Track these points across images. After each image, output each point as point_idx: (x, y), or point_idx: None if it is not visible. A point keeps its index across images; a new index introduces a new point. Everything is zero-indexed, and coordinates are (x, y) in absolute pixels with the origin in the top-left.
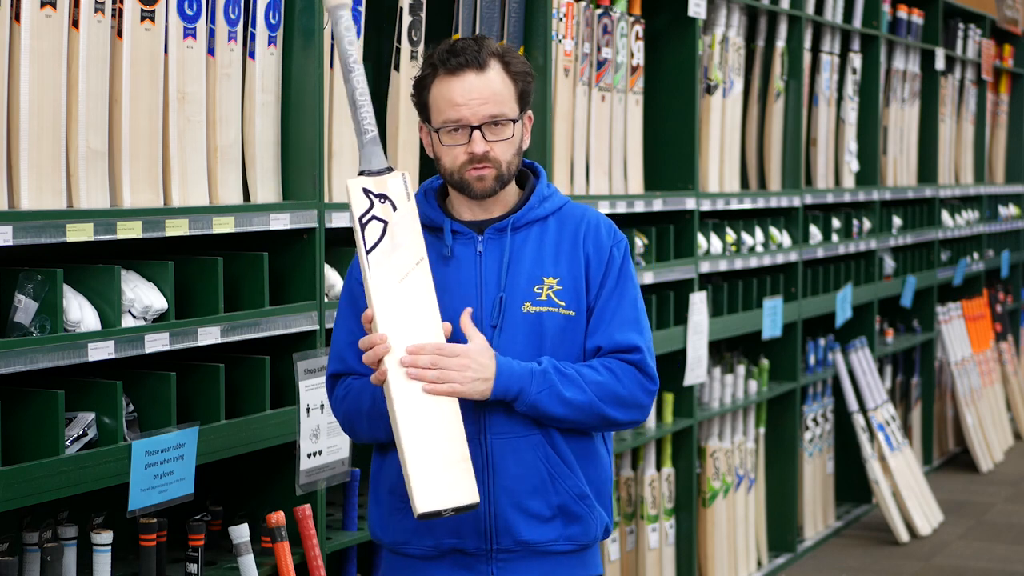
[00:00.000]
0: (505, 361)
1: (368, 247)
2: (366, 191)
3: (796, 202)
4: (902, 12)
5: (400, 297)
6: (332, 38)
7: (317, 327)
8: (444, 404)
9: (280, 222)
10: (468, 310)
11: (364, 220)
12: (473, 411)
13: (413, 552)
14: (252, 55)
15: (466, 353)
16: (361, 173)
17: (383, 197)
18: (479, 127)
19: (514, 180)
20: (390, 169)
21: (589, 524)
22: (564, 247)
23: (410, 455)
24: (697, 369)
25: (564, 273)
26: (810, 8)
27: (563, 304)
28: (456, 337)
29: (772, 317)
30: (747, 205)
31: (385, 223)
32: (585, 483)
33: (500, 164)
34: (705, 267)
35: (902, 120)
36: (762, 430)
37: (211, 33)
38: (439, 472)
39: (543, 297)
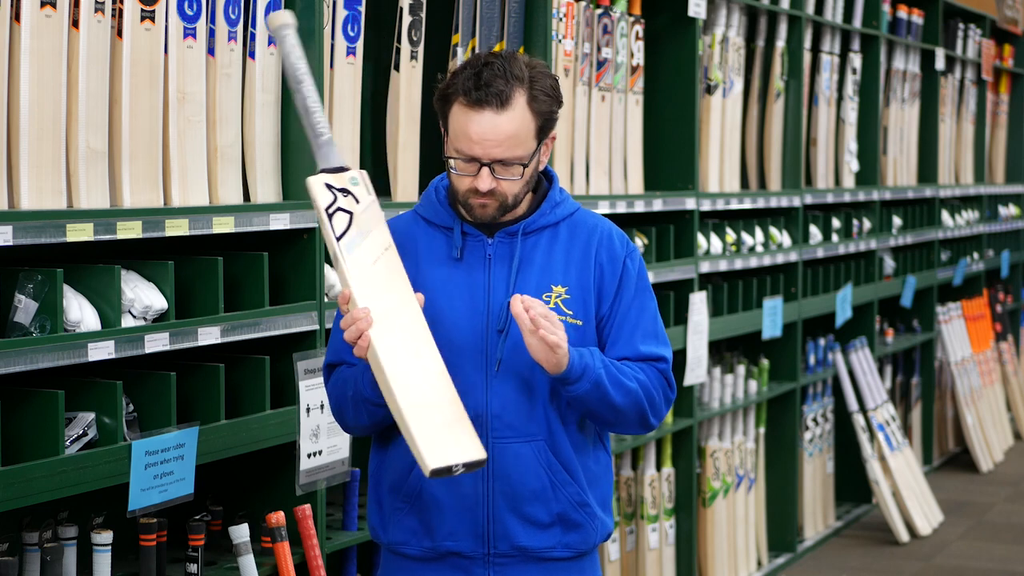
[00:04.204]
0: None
1: (337, 235)
2: (328, 186)
3: (796, 202)
4: (902, 12)
5: (374, 277)
6: (283, 58)
7: (317, 327)
8: (432, 369)
9: (280, 222)
10: (522, 296)
11: (330, 211)
12: (476, 413)
13: (411, 553)
14: (252, 55)
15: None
16: (320, 171)
17: (345, 191)
18: (488, 164)
19: None
20: (348, 168)
21: (588, 532)
22: (575, 255)
23: (410, 416)
24: (697, 369)
25: (573, 282)
26: (810, 8)
27: (571, 313)
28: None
29: (772, 317)
30: (747, 205)
31: (350, 214)
32: (587, 491)
33: (505, 197)
34: (705, 267)
35: (902, 120)
36: (762, 430)
37: (211, 33)
38: (442, 430)
39: (551, 305)
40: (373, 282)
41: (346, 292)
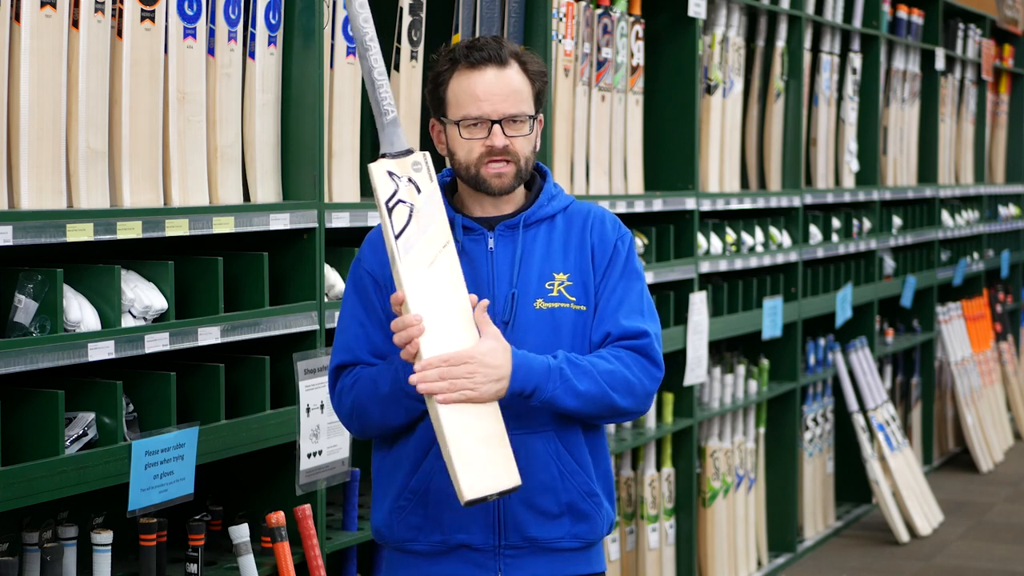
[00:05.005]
0: (522, 357)
1: (396, 232)
2: (390, 174)
3: (796, 202)
4: (902, 12)
5: (430, 281)
6: (345, 23)
7: (317, 327)
8: None
9: (280, 222)
10: (484, 303)
11: (390, 204)
12: None
13: (420, 549)
14: (252, 55)
15: (472, 359)
16: (383, 156)
17: (407, 179)
18: (499, 122)
19: None
20: (411, 151)
21: (596, 522)
22: (572, 243)
23: (452, 439)
24: (697, 369)
25: (573, 268)
26: (810, 8)
27: (574, 299)
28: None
29: (772, 317)
30: (747, 205)
31: (411, 206)
32: (594, 481)
33: (519, 159)
34: (705, 267)
35: (902, 120)
36: (762, 430)
37: (211, 33)
38: (482, 457)
39: (554, 293)
40: (428, 287)
41: (400, 294)
